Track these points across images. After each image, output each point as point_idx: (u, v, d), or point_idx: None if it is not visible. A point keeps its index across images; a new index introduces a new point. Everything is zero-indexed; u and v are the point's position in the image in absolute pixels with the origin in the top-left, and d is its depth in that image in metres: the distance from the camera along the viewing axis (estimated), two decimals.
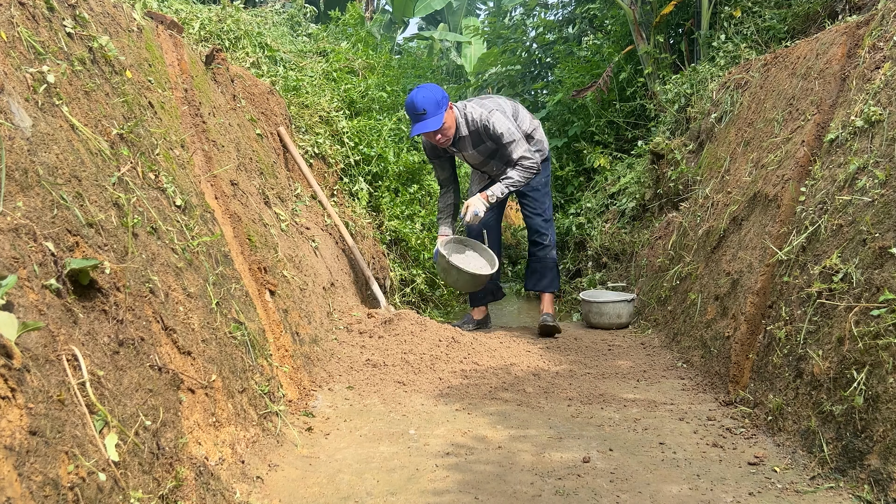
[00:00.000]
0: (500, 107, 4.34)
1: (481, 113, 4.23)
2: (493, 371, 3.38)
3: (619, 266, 5.78)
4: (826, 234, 2.51)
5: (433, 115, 4.06)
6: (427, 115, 4.05)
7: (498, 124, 4.19)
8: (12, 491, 1.07)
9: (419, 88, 4.13)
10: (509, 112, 4.38)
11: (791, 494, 2.01)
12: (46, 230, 1.50)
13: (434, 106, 4.06)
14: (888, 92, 2.53)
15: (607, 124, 7.12)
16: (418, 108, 4.05)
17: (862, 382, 2.01)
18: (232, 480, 1.94)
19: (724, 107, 4.47)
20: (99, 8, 2.42)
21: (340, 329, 3.79)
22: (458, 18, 19.48)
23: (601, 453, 2.36)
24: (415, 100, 4.06)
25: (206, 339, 2.15)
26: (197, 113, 3.02)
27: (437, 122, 4.06)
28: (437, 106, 4.07)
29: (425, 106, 4.04)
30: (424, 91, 4.09)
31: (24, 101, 1.67)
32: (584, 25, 9.06)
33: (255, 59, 5.08)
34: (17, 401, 1.16)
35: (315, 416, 2.69)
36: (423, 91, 4.09)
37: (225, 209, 2.89)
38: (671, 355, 3.63)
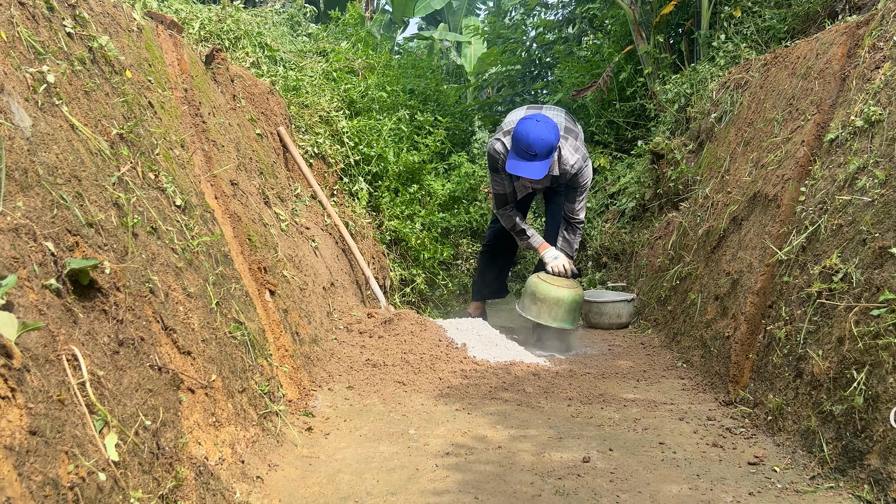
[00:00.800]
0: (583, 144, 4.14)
1: (576, 159, 3.97)
2: (493, 371, 3.38)
3: (619, 266, 5.78)
4: (826, 234, 2.51)
5: (542, 160, 3.72)
6: (537, 157, 3.71)
7: (587, 175, 4.03)
8: (12, 491, 1.07)
9: (536, 124, 3.73)
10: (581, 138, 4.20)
11: (791, 494, 2.01)
12: (46, 230, 1.50)
13: (547, 151, 3.71)
14: (888, 92, 2.53)
15: (607, 124, 7.12)
16: (532, 149, 3.70)
17: (862, 382, 2.01)
18: (232, 480, 1.94)
19: (724, 107, 4.47)
20: (99, 8, 2.42)
21: (340, 329, 3.79)
22: (458, 18, 19.48)
23: (601, 453, 2.36)
24: (530, 138, 3.68)
25: (206, 339, 2.15)
26: (197, 113, 3.02)
27: (543, 171, 3.72)
28: (550, 152, 3.73)
29: (539, 149, 3.69)
30: (543, 131, 3.70)
31: (24, 101, 1.67)
32: (584, 25, 9.06)
33: (255, 59, 5.08)
34: (17, 401, 1.16)
35: (315, 416, 2.69)
36: (540, 130, 3.70)
37: (225, 209, 2.89)
38: (671, 355, 3.63)
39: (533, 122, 3.75)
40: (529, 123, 3.74)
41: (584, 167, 4.02)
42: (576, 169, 3.99)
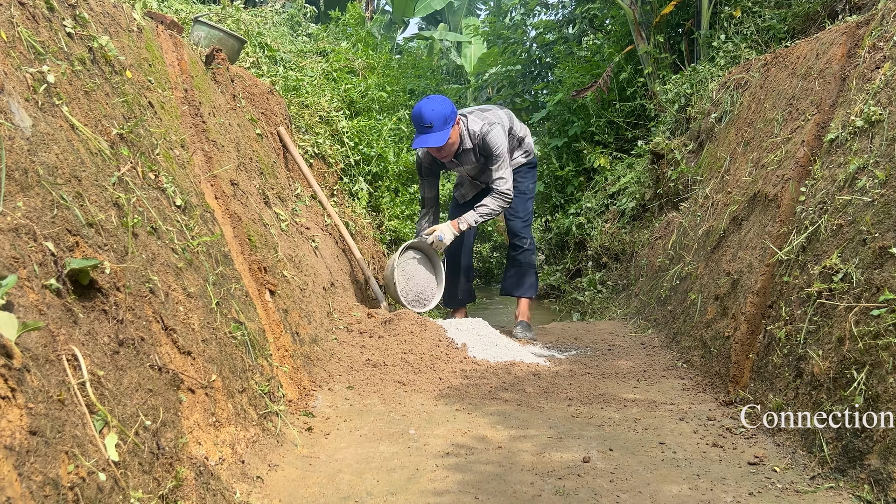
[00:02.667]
0: (500, 119, 4.28)
1: (481, 126, 4.16)
2: (493, 371, 3.38)
3: (619, 266, 5.79)
4: (826, 234, 2.51)
5: (439, 130, 3.96)
6: (433, 129, 3.95)
7: (494, 139, 4.14)
8: (12, 491, 1.07)
9: (428, 100, 4.02)
10: (506, 124, 4.33)
11: (791, 494, 2.01)
12: (46, 230, 1.50)
13: (441, 121, 3.94)
14: (888, 92, 2.53)
15: (607, 124, 7.12)
16: (425, 121, 3.94)
17: (862, 382, 2.01)
18: (232, 480, 1.94)
19: (724, 107, 4.47)
20: (99, 8, 2.42)
21: (340, 329, 3.79)
22: (458, 18, 19.48)
23: (601, 453, 2.36)
24: (422, 111, 3.95)
25: (206, 339, 2.15)
26: (197, 113, 3.02)
27: (443, 139, 3.96)
28: (445, 121, 3.96)
29: (432, 119, 3.93)
30: (433, 104, 3.97)
31: (24, 101, 1.67)
32: (584, 25, 9.06)
33: (255, 59, 5.08)
34: (17, 401, 1.16)
35: (315, 416, 2.69)
36: (431, 103, 3.97)
37: (225, 209, 2.89)
38: (671, 355, 3.63)
39: (425, 100, 4.02)
40: (422, 102, 4.01)
41: (489, 130, 4.13)
42: (481, 133, 4.14)
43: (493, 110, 4.38)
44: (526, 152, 4.55)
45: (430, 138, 3.96)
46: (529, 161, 4.57)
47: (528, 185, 4.56)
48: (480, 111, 4.32)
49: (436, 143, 3.96)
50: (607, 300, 5.59)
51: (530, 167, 4.59)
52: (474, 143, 4.19)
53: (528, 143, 4.56)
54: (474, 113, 4.28)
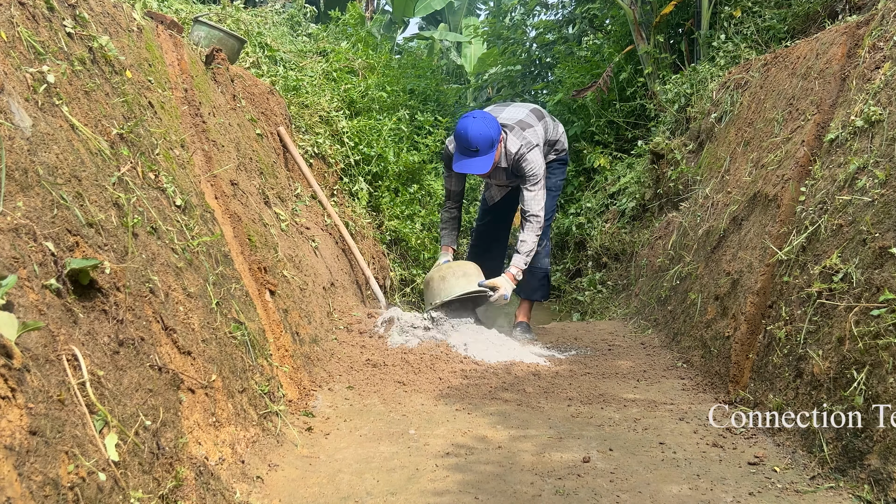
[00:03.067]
0: (537, 137, 4.07)
1: (519, 146, 3.96)
2: (493, 371, 3.38)
3: (619, 266, 5.79)
4: (826, 234, 2.51)
5: (484, 155, 3.79)
6: (479, 153, 3.78)
7: (531, 163, 3.95)
8: (12, 491, 1.07)
9: (474, 120, 3.81)
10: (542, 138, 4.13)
11: (791, 494, 2.01)
12: (46, 230, 1.50)
13: (488, 145, 3.78)
14: (888, 92, 2.53)
15: (607, 124, 7.12)
16: (472, 145, 3.76)
17: (862, 382, 2.01)
18: (232, 480, 1.94)
19: (724, 107, 4.47)
20: (99, 8, 2.42)
21: (340, 329, 3.79)
22: (458, 18, 19.48)
23: (601, 453, 2.36)
24: (469, 133, 3.75)
25: (206, 339, 2.15)
26: (197, 113, 3.02)
27: (488, 165, 3.79)
28: (491, 145, 3.80)
29: (479, 144, 3.76)
30: (480, 126, 3.77)
31: (24, 101, 1.67)
32: (584, 25, 9.06)
33: (255, 59, 5.08)
34: (17, 401, 1.16)
35: (315, 416, 2.69)
36: (478, 125, 3.77)
37: (225, 209, 2.89)
38: (671, 355, 3.63)
39: (470, 119, 3.81)
40: (467, 121, 3.80)
41: (525, 153, 3.93)
42: (518, 155, 3.95)
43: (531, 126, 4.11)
44: (557, 150, 4.38)
45: (475, 164, 3.79)
46: (560, 157, 4.40)
47: (556, 181, 4.40)
48: (520, 128, 4.07)
49: (480, 171, 3.80)
50: (607, 300, 5.59)
51: (560, 162, 4.42)
52: (509, 162, 4.03)
53: (562, 141, 4.39)
54: (514, 130, 4.04)
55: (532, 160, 3.94)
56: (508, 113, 4.18)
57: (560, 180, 4.47)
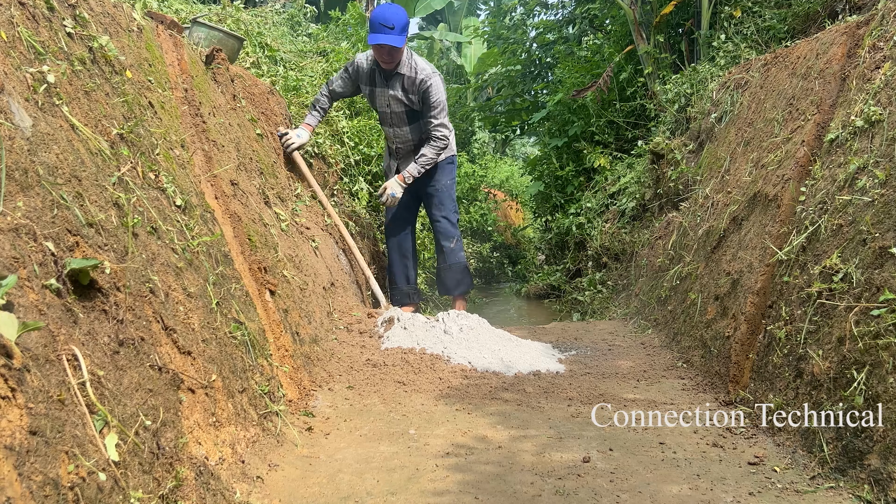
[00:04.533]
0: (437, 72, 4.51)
1: (426, 69, 4.39)
2: (493, 371, 3.38)
3: (619, 266, 5.78)
4: (826, 234, 2.51)
5: (399, 34, 4.18)
6: (394, 31, 4.16)
7: (436, 88, 4.37)
8: (12, 491, 1.07)
9: (389, 5, 4.28)
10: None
11: (791, 494, 2.01)
12: (46, 230, 1.50)
13: (401, 27, 4.20)
14: (888, 92, 2.53)
15: (607, 124, 7.12)
16: (388, 22, 4.15)
17: (862, 382, 2.01)
18: (232, 480, 1.94)
19: (724, 107, 4.47)
20: (99, 8, 2.42)
21: (340, 329, 3.79)
22: (458, 18, 19.48)
23: (601, 453, 2.36)
24: (386, 13, 4.16)
25: (206, 339, 2.15)
26: (197, 113, 3.02)
27: (401, 41, 4.20)
28: (403, 28, 4.22)
29: (395, 22, 4.16)
30: (396, 8, 4.21)
31: (24, 101, 1.67)
32: (584, 25, 9.06)
33: (255, 59, 5.08)
34: (17, 401, 1.16)
35: (315, 416, 2.69)
36: (394, 8, 4.22)
37: (225, 209, 2.89)
38: (671, 355, 3.63)
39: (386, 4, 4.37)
40: (383, 6, 4.29)
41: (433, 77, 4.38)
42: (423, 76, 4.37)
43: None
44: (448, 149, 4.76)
45: (391, 38, 4.16)
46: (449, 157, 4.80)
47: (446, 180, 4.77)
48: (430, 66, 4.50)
49: (396, 44, 4.17)
50: (607, 300, 5.59)
51: (449, 162, 4.81)
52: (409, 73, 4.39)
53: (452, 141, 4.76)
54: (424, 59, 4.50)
55: (437, 89, 4.41)
56: None
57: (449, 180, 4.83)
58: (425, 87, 4.38)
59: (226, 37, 3.86)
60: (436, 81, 4.40)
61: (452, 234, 4.77)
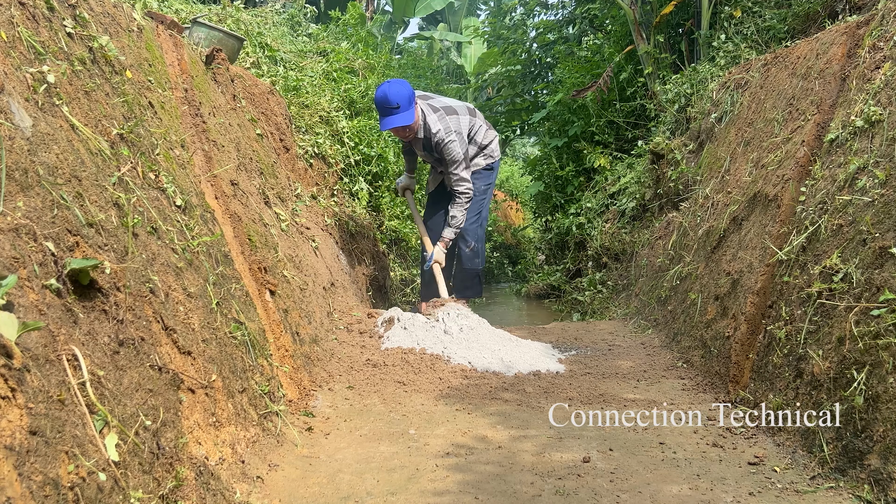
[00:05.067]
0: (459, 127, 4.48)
1: (439, 130, 4.39)
2: (493, 371, 3.37)
3: (619, 266, 5.78)
4: (826, 234, 2.51)
5: (405, 111, 4.21)
6: (400, 109, 4.19)
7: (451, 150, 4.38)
8: (12, 491, 1.07)
9: (390, 84, 4.25)
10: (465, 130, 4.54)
11: (791, 494, 2.01)
12: (46, 230, 1.50)
13: (406, 101, 4.21)
14: (888, 92, 2.53)
15: (607, 124, 7.11)
16: (391, 103, 4.18)
17: (862, 382, 2.00)
18: (232, 480, 1.94)
19: (724, 107, 4.47)
20: (99, 8, 2.42)
21: (340, 329, 3.79)
22: (458, 18, 19.48)
23: (601, 453, 2.36)
24: (388, 94, 4.18)
25: (206, 339, 2.15)
26: (197, 113, 3.02)
27: (411, 117, 4.22)
28: (409, 102, 4.23)
29: (398, 100, 4.18)
30: (397, 86, 4.22)
31: (24, 101, 1.67)
32: (584, 25, 9.06)
33: (256, 59, 5.08)
34: (17, 401, 1.16)
35: (315, 416, 2.69)
36: (395, 86, 4.22)
37: (225, 209, 2.89)
38: (671, 355, 3.63)
39: (386, 84, 4.27)
40: (384, 86, 4.26)
41: (445, 139, 4.37)
42: (438, 139, 4.38)
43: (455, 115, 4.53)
44: (487, 156, 4.76)
45: (399, 118, 4.20)
46: (488, 164, 4.79)
47: (481, 185, 4.74)
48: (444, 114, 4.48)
49: (406, 122, 4.21)
50: (607, 300, 5.59)
51: (487, 168, 4.79)
52: (427, 137, 4.43)
53: (492, 147, 4.77)
54: (439, 112, 4.46)
55: (452, 148, 4.39)
56: (439, 99, 4.63)
57: (485, 185, 4.80)
58: (442, 146, 4.40)
59: (226, 37, 3.86)
60: (451, 140, 4.39)
61: (472, 239, 4.74)
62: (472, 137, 4.66)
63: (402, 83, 4.29)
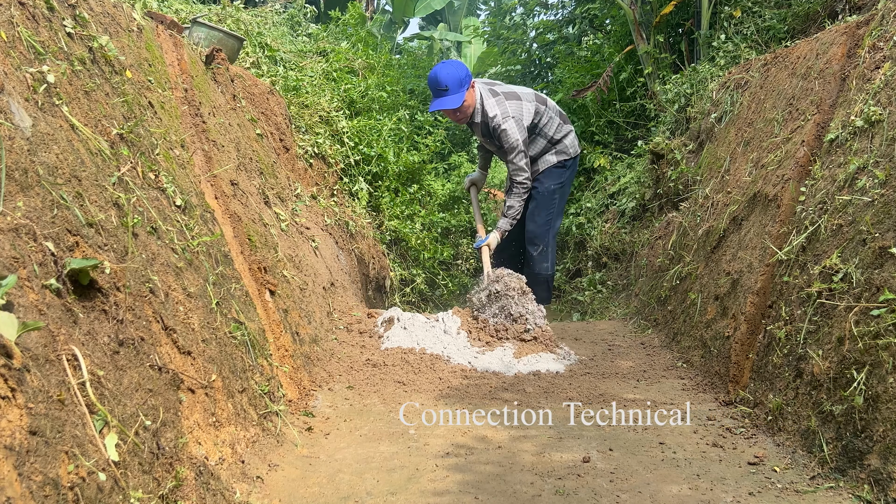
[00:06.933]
0: (518, 113, 4.31)
1: (496, 115, 4.24)
2: (493, 371, 3.37)
3: (619, 266, 5.78)
4: (826, 233, 2.51)
5: (454, 93, 4.10)
6: (449, 91, 4.09)
7: (507, 136, 4.22)
8: (12, 491, 1.07)
9: (443, 64, 4.17)
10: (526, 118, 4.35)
11: (791, 494, 2.01)
12: (46, 230, 1.50)
13: (457, 84, 4.09)
14: (888, 92, 2.53)
15: (607, 124, 7.12)
16: (441, 84, 4.08)
17: (862, 382, 2.01)
18: (232, 480, 1.94)
19: (724, 107, 4.47)
20: (99, 8, 2.42)
21: (340, 329, 3.79)
22: (458, 18, 19.48)
23: (601, 453, 2.36)
24: (438, 75, 4.10)
25: (206, 339, 2.15)
26: (197, 113, 3.02)
27: (458, 101, 4.11)
28: (460, 84, 4.10)
29: (448, 83, 4.08)
30: (449, 67, 4.13)
31: (24, 101, 1.67)
32: (584, 25, 9.06)
33: (255, 59, 5.08)
34: (17, 401, 1.16)
35: (315, 416, 2.69)
36: (447, 67, 4.13)
37: (225, 209, 2.89)
38: (671, 355, 3.63)
39: (440, 64, 4.19)
40: (437, 66, 4.18)
41: (501, 124, 4.23)
42: (495, 123, 4.25)
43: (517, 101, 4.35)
44: (559, 152, 4.54)
45: (447, 101, 4.09)
46: (561, 161, 4.56)
47: (550, 185, 4.54)
48: (503, 98, 4.32)
49: (451, 105, 4.10)
50: (607, 300, 5.59)
51: (559, 166, 4.56)
52: (484, 120, 4.30)
53: (567, 143, 4.54)
54: (498, 97, 4.31)
55: (509, 132, 4.23)
56: (505, 86, 4.47)
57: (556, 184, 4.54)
58: (498, 132, 4.27)
59: (226, 37, 3.86)
60: (509, 125, 4.23)
61: (539, 241, 4.55)
62: (540, 128, 4.44)
63: (457, 64, 4.19)
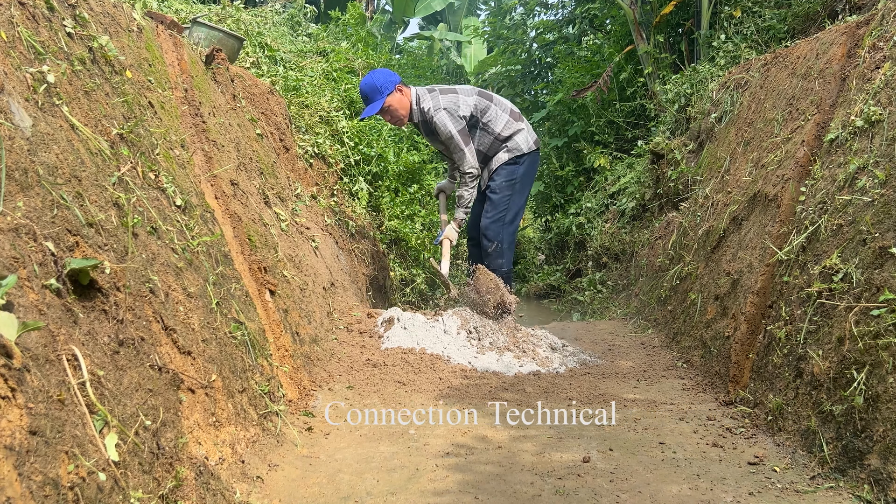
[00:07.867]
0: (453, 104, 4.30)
1: (429, 108, 4.30)
2: (493, 371, 3.37)
3: (619, 266, 5.79)
4: (826, 233, 2.51)
5: (373, 101, 4.23)
6: (368, 98, 4.24)
7: (439, 124, 4.28)
8: (12, 491, 1.07)
9: (367, 75, 4.31)
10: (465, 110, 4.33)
11: (791, 494, 2.01)
12: (46, 230, 1.50)
13: (374, 91, 4.22)
14: (888, 92, 2.53)
15: (607, 124, 7.12)
16: (362, 94, 4.28)
17: (862, 382, 2.01)
18: (232, 480, 1.94)
19: (724, 107, 4.47)
20: (99, 8, 2.42)
21: (340, 329, 3.79)
22: (458, 18, 19.48)
23: (601, 453, 2.36)
24: (360, 86, 4.30)
25: (206, 339, 2.15)
26: (197, 113, 3.02)
27: (374, 109, 4.24)
28: (376, 91, 4.22)
29: (366, 91, 4.24)
30: (368, 77, 4.28)
31: (24, 101, 1.67)
32: (584, 25, 9.06)
33: (255, 59, 5.08)
34: (17, 401, 1.16)
35: (315, 416, 2.69)
36: (367, 77, 4.28)
37: (225, 209, 2.89)
38: (671, 355, 3.63)
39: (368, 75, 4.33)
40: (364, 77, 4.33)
41: (433, 116, 4.28)
42: (428, 116, 4.30)
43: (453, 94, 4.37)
44: (511, 150, 4.43)
45: (368, 108, 4.26)
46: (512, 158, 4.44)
47: (502, 182, 4.42)
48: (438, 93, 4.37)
49: (370, 112, 4.26)
50: (607, 300, 5.59)
51: (509, 163, 4.44)
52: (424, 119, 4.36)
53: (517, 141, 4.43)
54: (434, 92, 4.38)
55: (442, 122, 4.27)
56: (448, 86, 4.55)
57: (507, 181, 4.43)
58: (432, 125, 4.28)
59: (226, 37, 3.86)
60: (440, 116, 4.24)
61: (492, 238, 4.44)
62: (484, 123, 4.38)
63: (377, 72, 4.28)
